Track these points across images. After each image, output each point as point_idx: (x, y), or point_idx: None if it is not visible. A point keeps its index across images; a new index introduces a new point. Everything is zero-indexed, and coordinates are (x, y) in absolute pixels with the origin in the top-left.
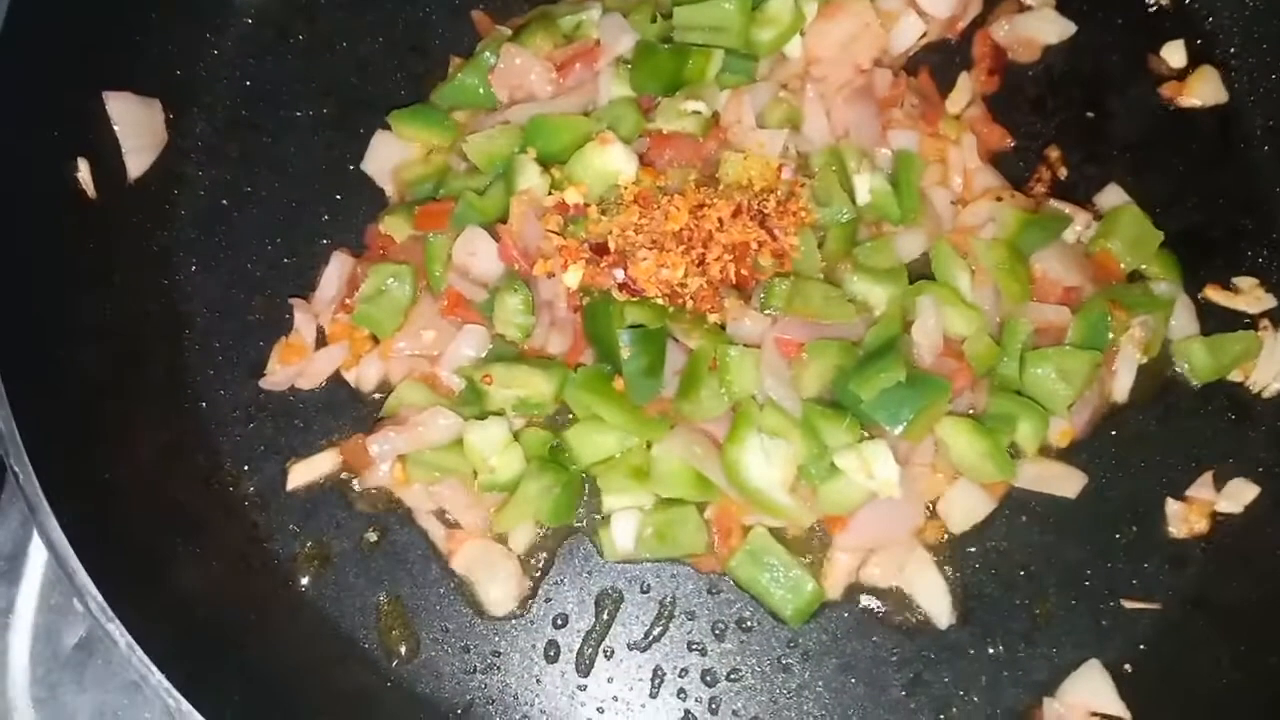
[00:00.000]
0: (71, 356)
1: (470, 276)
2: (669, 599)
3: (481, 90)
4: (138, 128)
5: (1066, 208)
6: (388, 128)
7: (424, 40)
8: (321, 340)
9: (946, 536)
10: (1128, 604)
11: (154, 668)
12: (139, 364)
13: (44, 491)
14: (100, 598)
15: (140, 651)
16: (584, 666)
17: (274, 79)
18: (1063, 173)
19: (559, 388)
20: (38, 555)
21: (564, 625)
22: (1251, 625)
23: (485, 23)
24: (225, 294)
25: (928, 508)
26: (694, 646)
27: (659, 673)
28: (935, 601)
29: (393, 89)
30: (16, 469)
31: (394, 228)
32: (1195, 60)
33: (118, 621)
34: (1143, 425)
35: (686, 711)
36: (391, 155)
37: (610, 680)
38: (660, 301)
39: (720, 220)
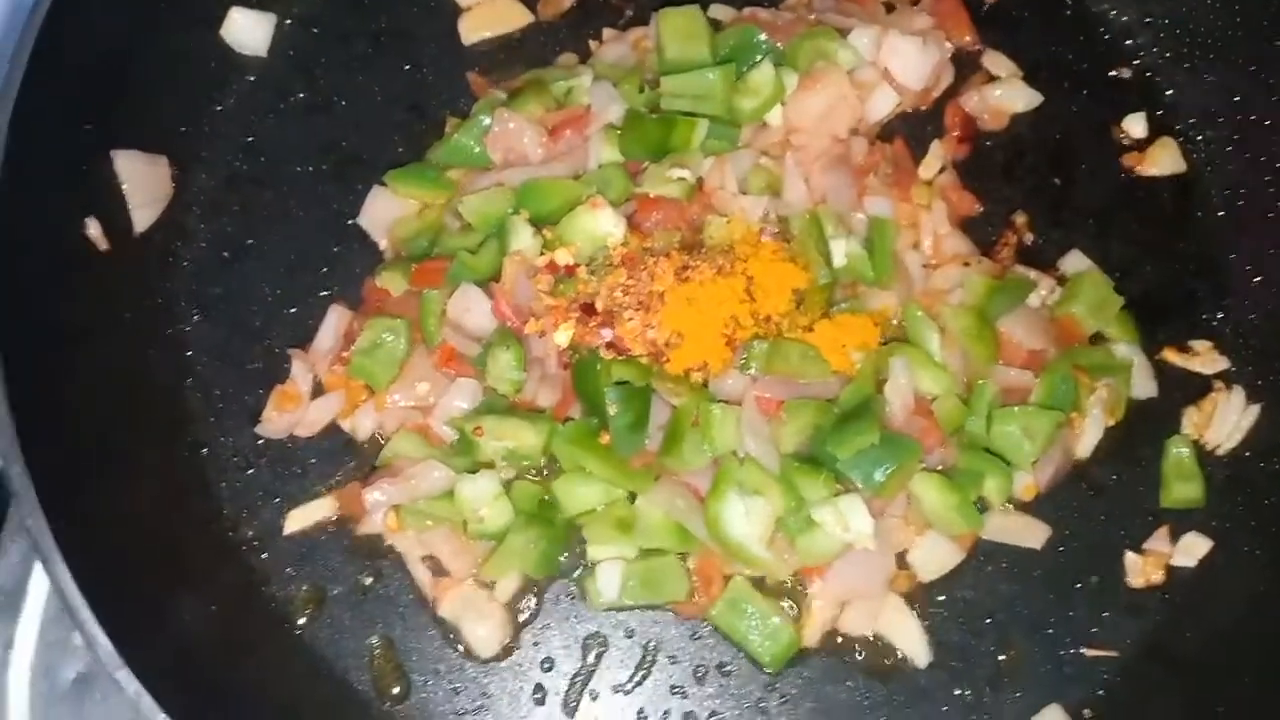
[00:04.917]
0: (77, 402)
1: (464, 332)
2: (652, 644)
3: (477, 150)
4: (144, 183)
5: (1031, 273)
6: (384, 184)
7: (421, 100)
8: (319, 390)
9: (917, 585)
10: (1088, 652)
11: (160, 711)
12: (142, 410)
13: (54, 538)
14: (108, 644)
15: (149, 699)
16: (570, 709)
17: (274, 136)
18: (1029, 238)
19: (547, 440)
20: (37, 590)
21: (551, 668)
22: (1203, 673)
23: (480, 84)
24: (226, 343)
25: (899, 558)
26: (676, 690)
27: (642, 715)
28: (912, 643)
29: (390, 147)
30: (30, 522)
31: (390, 282)
32: (1155, 131)
33: (126, 669)
34: (1103, 479)
35: None
36: (387, 211)
37: None
38: (645, 360)
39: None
